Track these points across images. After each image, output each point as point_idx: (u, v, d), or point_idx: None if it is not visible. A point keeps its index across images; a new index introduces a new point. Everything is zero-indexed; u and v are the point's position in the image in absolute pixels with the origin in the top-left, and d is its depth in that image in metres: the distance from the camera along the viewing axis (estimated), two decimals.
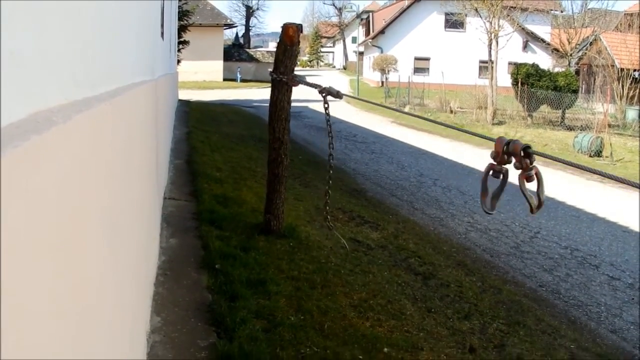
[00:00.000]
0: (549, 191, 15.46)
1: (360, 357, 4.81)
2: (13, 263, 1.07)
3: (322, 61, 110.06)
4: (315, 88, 6.10)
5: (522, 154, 2.83)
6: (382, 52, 56.81)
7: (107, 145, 2.34)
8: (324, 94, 5.83)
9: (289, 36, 7.01)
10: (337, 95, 5.78)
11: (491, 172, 3.02)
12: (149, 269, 4.98)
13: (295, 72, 7.15)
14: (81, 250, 1.78)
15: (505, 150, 2.83)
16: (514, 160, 2.89)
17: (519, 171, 2.87)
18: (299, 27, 7.13)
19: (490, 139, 2.90)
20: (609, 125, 25.03)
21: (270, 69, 7.13)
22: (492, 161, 2.88)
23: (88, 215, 1.90)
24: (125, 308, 2.98)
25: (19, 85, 1.27)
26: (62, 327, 1.47)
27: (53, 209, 1.39)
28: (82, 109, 1.81)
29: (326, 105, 5.84)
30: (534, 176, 2.83)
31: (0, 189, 0.98)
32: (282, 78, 7.03)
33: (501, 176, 2.94)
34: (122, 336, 2.81)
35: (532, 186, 2.96)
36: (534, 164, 2.85)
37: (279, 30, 7.04)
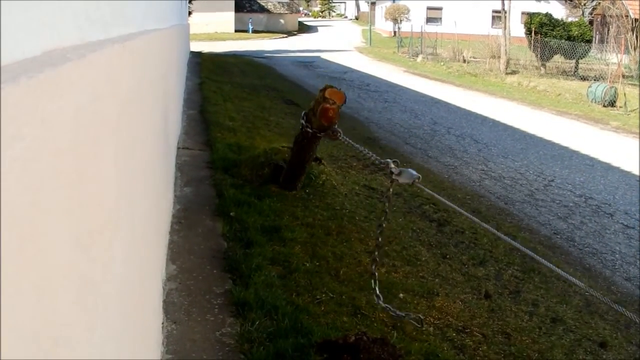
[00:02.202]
0: (564, 140, 15.41)
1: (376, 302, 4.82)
2: (26, 190, 1.05)
3: (334, 11, 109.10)
4: (376, 161, 4.17)
5: None
6: (394, 1, 56.20)
7: (120, 86, 2.32)
8: (392, 175, 3.87)
9: (328, 118, 5.86)
10: (413, 181, 3.84)
11: None
12: (164, 216, 4.99)
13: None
14: (96, 186, 1.76)
15: None
16: None
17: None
18: (339, 107, 5.86)
19: None
20: (623, 76, 24.67)
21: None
22: None
23: (102, 155, 1.88)
24: (141, 254, 2.98)
25: (33, 22, 1.25)
26: (74, 266, 1.46)
27: (68, 144, 1.36)
28: (96, 49, 1.80)
29: (390, 192, 3.98)
30: None
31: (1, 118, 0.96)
32: (319, 134, 6.00)
33: None
34: (136, 282, 2.81)
35: None
36: None
37: None
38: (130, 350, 2.35)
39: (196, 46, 31.73)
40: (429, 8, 55.82)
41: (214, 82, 17.09)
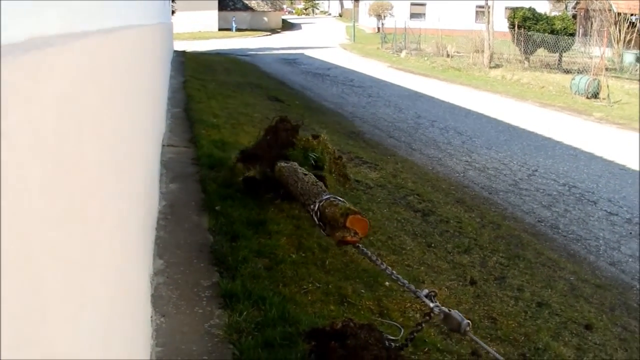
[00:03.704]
0: (548, 131, 15.51)
1: (362, 291, 4.87)
2: (13, 167, 1.07)
3: (318, 9, 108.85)
4: (415, 293, 3.83)
5: None
6: None
7: (105, 74, 2.34)
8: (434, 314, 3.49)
9: (346, 244, 4.85)
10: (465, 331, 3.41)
11: None
12: (150, 211, 5.01)
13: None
14: (82, 169, 1.78)
15: None
16: None
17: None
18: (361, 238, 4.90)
19: None
20: (606, 69, 24.82)
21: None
22: None
23: (88, 137, 1.89)
24: (128, 247, 3.01)
25: (17, 10, 1.27)
26: (60, 256, 1.46)
27: (53, 123, 1.39)
28: (80, 37, 1.83)
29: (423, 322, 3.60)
30: None
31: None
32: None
33: None
34: (124, 276, 2.83)
35: None
36: None
37: None
38: (119, 344, 2.37)
39: (180, 45, 31.63)
40: (412, 4, 55.79)
41: (198, 81, 17.07)
